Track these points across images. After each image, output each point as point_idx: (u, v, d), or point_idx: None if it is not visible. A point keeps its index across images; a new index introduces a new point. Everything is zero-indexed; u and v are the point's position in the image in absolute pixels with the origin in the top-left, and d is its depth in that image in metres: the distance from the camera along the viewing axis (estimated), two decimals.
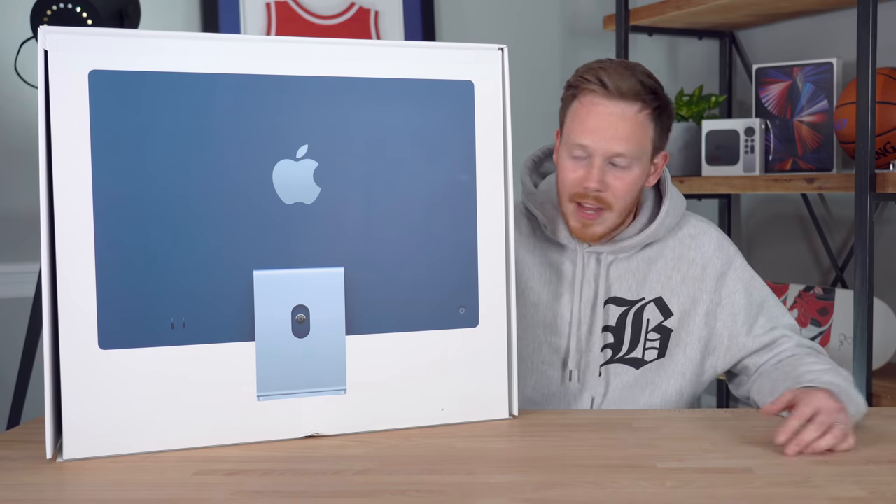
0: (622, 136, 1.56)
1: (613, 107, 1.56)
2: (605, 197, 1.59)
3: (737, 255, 1.70)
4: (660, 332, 1.66)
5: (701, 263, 1.67)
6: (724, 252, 1.69)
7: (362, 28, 3.04)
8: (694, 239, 1.69)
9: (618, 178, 1.59)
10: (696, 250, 1.68)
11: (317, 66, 1.41)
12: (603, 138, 1.56)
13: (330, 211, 1.41)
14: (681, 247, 1.68)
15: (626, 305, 1.66)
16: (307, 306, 1.41)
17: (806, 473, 1.26)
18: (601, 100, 1.57)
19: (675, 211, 1.68)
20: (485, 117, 1.49)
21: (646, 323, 1.66)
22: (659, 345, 1.66)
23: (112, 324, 1.33)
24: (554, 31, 3.25)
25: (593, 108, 1.57)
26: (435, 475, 1.27)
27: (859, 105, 2.09)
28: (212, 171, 1.36)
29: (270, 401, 1.41)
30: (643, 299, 1.66)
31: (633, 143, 1.57)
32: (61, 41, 1.30)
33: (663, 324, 1.66)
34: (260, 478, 1.26)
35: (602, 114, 1.56)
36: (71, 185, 1.31)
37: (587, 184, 1.58)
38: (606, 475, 1.26)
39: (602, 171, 1.58)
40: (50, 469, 1.30)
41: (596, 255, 1.66)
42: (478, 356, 1.50)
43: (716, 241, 1.69)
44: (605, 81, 1.56)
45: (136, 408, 1.35)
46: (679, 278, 1.66)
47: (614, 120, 1.56)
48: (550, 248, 1.71)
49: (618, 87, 1.55)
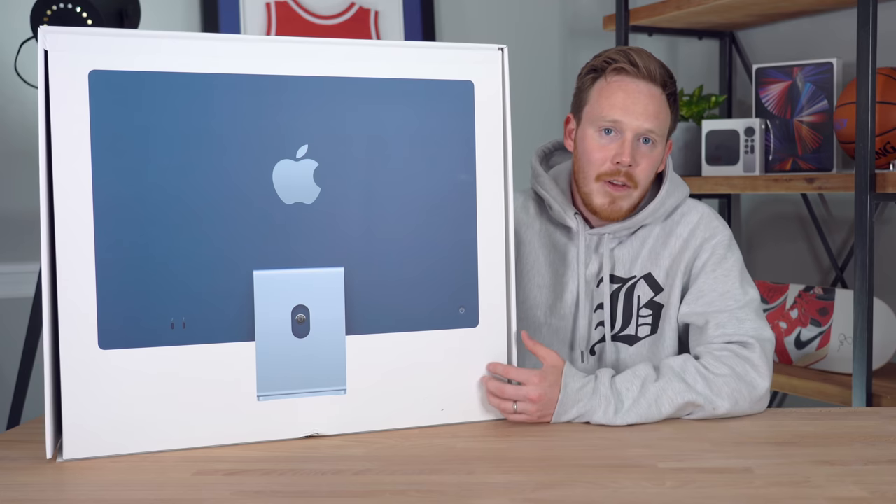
0: (652, 114, 1.61)
1: (644, 86, 1.61)
2: (634, 173, 1.62)
3: (720, 231, 1.68)
4: (651, 307, 1.68)
5: (685, 236, 1.68)
6: (710, 227, 1.68)
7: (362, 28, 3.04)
8: (684, 216, 1.70)
9: (645, 155, 1.62)
10: (684, 225, 1.69)
11: (317, 66, 1.41)
12: (634, 114, 1.60)
13: (330, 211, 1.41)
14: (671, 223, 1.70)
15: (618, 283, 1.69)
16: (307, 306, 1.41)
17: (806, 473, 1.26)
18: (632, 79, 1.61)
19: (675, 193, 1.70)
20: (485, 117, 1.49)
21: (637, 300, 1.68)
22: (651, 321, 1.67)
23: (112, 324, 1.33)
24: (554, 31, 3.25)
25: (625, 85, 1.61)
26: (435, 475, 1.27)
27: (859, 105, 2.09)
28: (212, 171, 1.36)
29: (270, 401, 1.41)
30: (634, 276, 1.68)
31: (660, 122, 1.62)
32: (61, 41, 1.30)
33: (654, 299, 1.68)
34: (260, 478, 1.26)
35: (633, 91, 1.61)
36: (71, 184, 1.31)
37: (621, 158, 1.60)
38: (606, 475, 1.26)
39: (633, 147, 1.61)
40: (50, 469, 1.30)
41: (598, 237, 1.69)
42: (477, 356, 1.50)
43: (705, 217, 1.69)
44: (637, 62, 1.61)
45: (136, 408, 1.35)
46: (666, 253, 1.68)
47: (644, 98, 1.61)
48: (555, 231, 1.74)
49: (647, 68, 1.61)
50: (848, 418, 1.56)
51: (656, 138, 1.62)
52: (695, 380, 1.51)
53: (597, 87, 1.64)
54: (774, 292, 2.53)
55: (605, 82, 1.63)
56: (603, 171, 1.62)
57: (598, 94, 1.64)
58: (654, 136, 1.62)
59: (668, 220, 1.70)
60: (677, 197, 1.70)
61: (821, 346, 2.40)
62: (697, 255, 1.66)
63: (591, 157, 1.63)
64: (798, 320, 2.47)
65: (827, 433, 1.46)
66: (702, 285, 1.64)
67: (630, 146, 1.60)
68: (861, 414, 1.63)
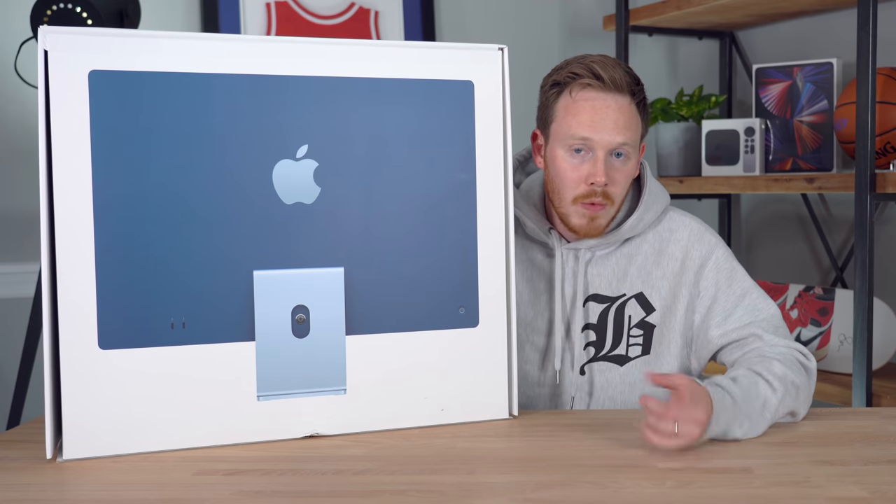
0: (622, 126, 1.56)
1: (611, 99, 1.56)
2: (610, 192, 1.58)
3: (718, 246, 1.66)
4: (643, 328, 1.65)
5: (680, 257, 1.65)
6: (704, 244, 1.66)
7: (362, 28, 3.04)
8: (673, 233, 1.67)
9: (619, 170, 1.58)
10: (676, 244, 1.66)
11: (317, 66, 1.41)
12: (605, 130, 1.55)
13: (330, 211, 1.41)
14: (660, 241, 1.67)
15: (606, 302, 1.65)
16: (307, 306, 1.41)
17: (806, 473, 1.26)
18: (597, 93, 1.56)
19: (655, 206, 1.66)
20: (485, 117, 1.49)
21: (628, 319, 1.65)
22: (643, 341, 1.65)
23: (112, 324, 1.33)
24: (554, 31, 3.25)
25: (591, 101, 1.56)
26: (435, 475, 1.27)
27: (859, 105, 2.09)
28: (212, 172, 1.36)
29: (270, 401, 1.41)
30: (624, 295, 1.65)
31: (631, 133, 1.57)
32: (61, 41, 1.30)
33: (646, 319, 1.65)
34: (260, 478, 1.26)
35: (601, 107, 1.56)
36: (71, 184, 1.31)
37: (596, 179, 1.55)
38: (606, 475, 1.26)
39: (606, 165, 1.56)
40: (50, 469, 1.30)
41: (574, 252, 1.66)
42: (478, 356, 1.50)
43: (696, 233, 1.66)
44: (601, 74, 1.55)
45: (136, 408, 1.35)
46: (659, 273, 1.65)
47: (612, 112, 1.55)
48: (531, 247, 1.70)
49: (612, 79, 1.55)
50: (848, 418, 1.56)
51: (629, 150, 1.58)
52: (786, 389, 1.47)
53: (562, 104, 1.59)
54: (774, 292, 2.53)
55: (570, 98, 1.57)
56: (579, 194, 1.58)
57: (564, 111, 1.58)
58: (627, 149, 1.57)
59: (654, 234, 1.67)
60: (658, 207, 1.67)
61: (821, 345, 2.40)
62: (701, 276, 1.64)
63: (563, 179, 1.59)
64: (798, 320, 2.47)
65: (827, 433, 1.46)
66: (724, 304, 1.62)
67: (603, 164, 1.55)
68: (861, 414, 1.63)
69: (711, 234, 1.68)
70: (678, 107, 2.76)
